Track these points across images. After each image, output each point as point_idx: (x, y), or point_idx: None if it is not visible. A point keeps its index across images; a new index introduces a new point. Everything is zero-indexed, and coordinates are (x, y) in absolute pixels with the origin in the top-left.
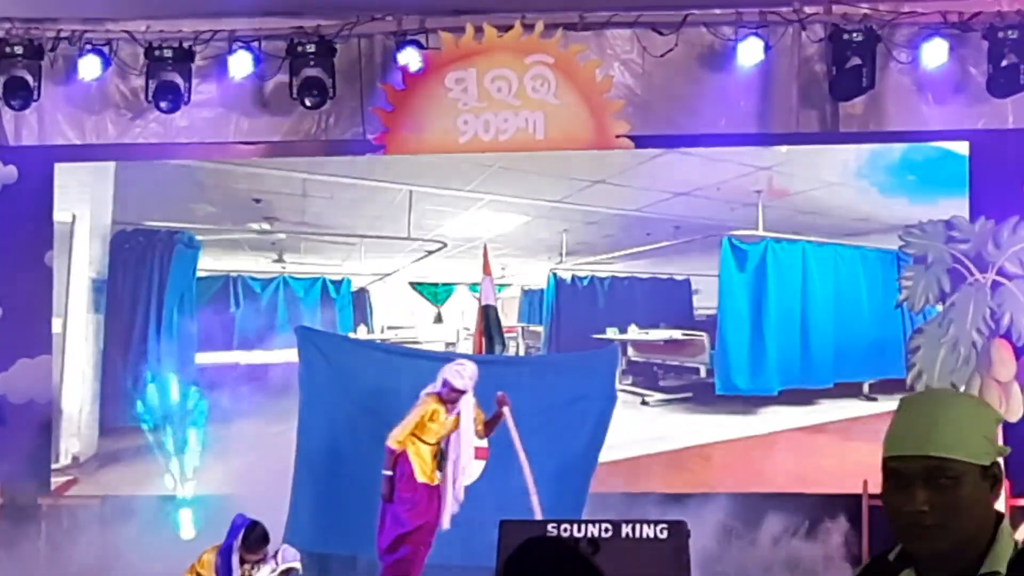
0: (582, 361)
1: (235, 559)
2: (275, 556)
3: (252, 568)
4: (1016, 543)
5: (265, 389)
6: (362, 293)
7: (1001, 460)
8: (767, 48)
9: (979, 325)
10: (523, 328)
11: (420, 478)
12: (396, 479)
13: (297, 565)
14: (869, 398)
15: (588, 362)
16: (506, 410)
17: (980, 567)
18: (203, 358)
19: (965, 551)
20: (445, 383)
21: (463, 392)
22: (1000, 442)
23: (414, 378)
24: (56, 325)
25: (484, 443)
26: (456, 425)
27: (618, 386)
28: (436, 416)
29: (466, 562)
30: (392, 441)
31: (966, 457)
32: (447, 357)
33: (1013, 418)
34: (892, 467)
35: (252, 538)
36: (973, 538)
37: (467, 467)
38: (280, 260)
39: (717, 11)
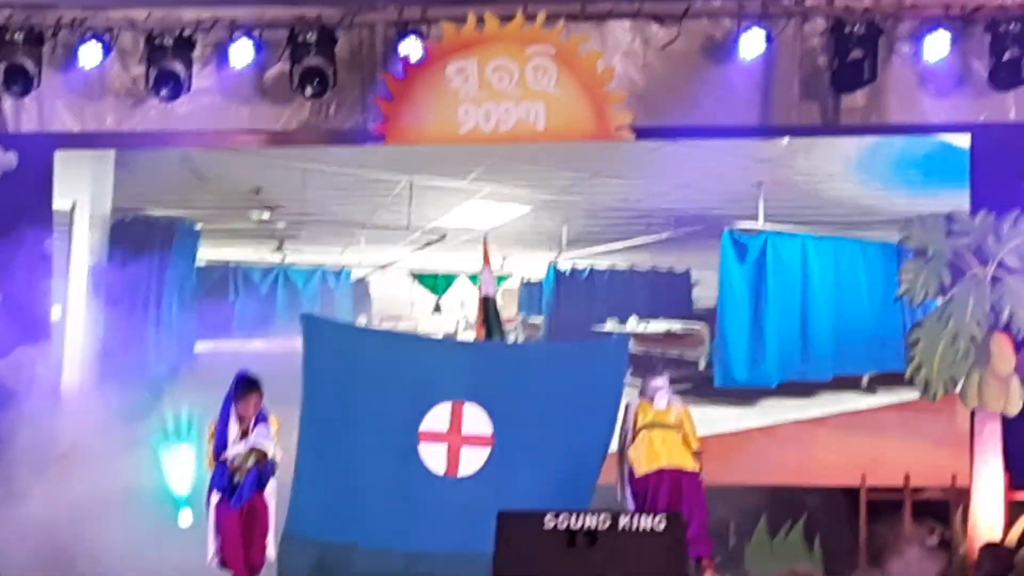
0: (592, 350)
1: (232, 416)
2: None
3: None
4: None
5: (263, 378)
6: (362, 283)
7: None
8: (769, 40)
9: (979, 319)
10: (522, 319)
11: None
12: None
13: (267, 446)
14: (868, 391)
15: (598, 351)
16: None
17: None
18: (202, 347)
19: None
20: None
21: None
22: (999, 435)
23: (422, 365)
24: (55, 312)
25: (490, 431)
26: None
27: None
28: None
29: (471, 550)
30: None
31: None
32: (456, 345)
33: (1013, 411)
34: None
35: (238, 387)
36: None
37: None
38: (280, 250)
39: (719, 3)
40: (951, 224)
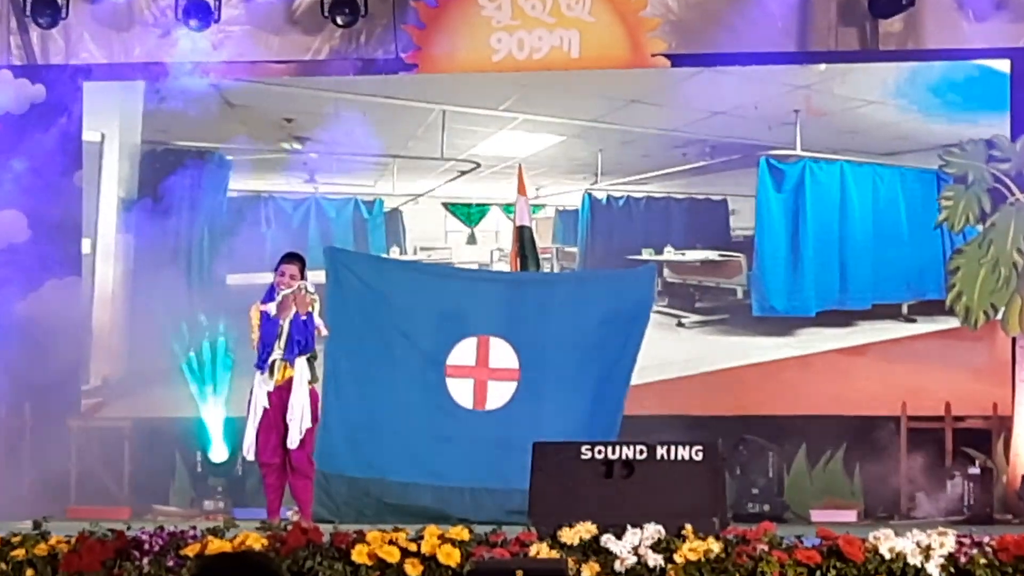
0: (618, 279)
1: (276, 288)
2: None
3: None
4: None
5: None
6: (395, 213)
7: None
8: None
9: (1020, 245)
10: (558, 249)
11: None
12: None
13: (305, 283)
14: (908, 319)
15: (624, 280)
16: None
17: None
18: (233, 279)
19: None
20: None
21: None
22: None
23: (448, 298)
24: (85, 246)
25: (516, 365)
26: None
27: (654, 307)
28: None
29: (499, 485)
30: None
31: None
32: (480, 276)
33: None
34: None
35: (281, 259)
36: None
37: None
38: (311, 180)
39: None
40: (991, 150)
